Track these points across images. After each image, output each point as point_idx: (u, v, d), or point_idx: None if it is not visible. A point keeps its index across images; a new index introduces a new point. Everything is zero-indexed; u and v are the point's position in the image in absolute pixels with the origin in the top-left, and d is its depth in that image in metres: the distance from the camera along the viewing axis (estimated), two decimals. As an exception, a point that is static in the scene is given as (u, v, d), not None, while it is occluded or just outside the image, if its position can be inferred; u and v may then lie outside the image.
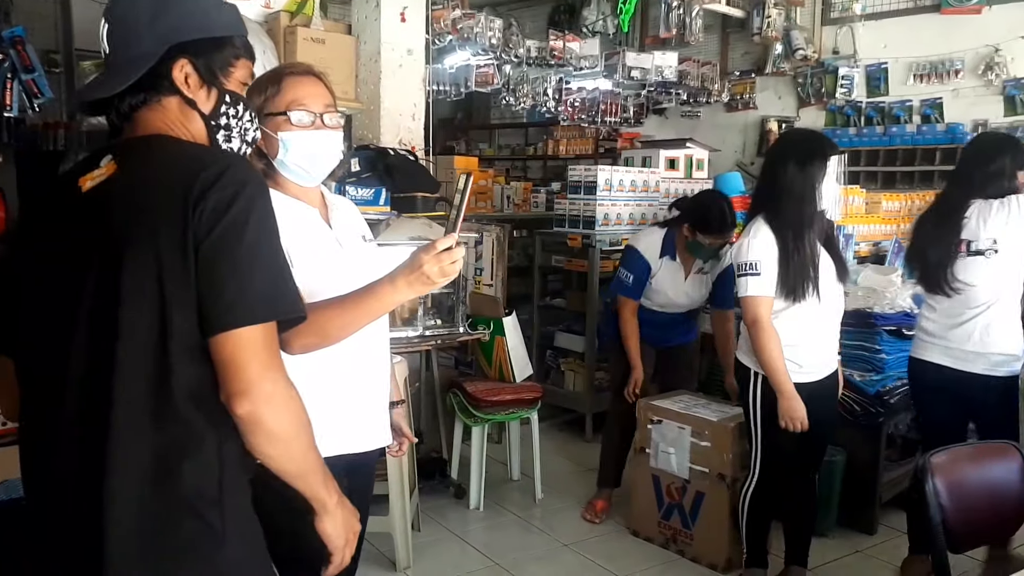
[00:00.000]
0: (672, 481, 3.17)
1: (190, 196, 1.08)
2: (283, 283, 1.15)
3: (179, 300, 1.08)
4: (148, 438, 1.09)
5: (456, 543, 3.29)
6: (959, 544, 1.97)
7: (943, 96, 5.45)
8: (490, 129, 8.88)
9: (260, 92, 1.62)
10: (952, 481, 1.93)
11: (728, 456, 3.00)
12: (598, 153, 7.38)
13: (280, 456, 1.14)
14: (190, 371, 1.10)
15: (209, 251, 1.08)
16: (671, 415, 3.17)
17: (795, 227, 2.51)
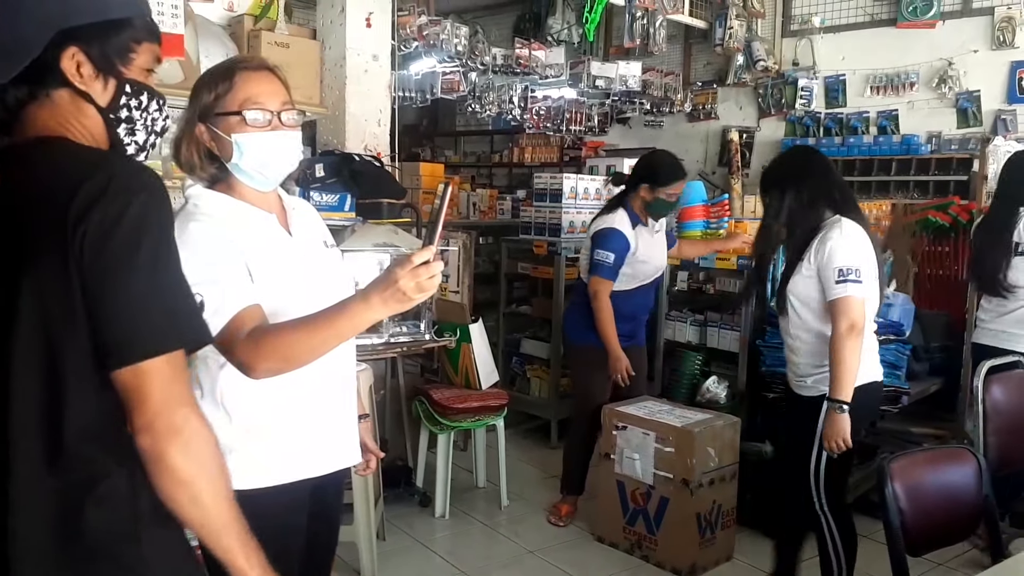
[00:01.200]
0: (637, 487, 3.19)
1: (69, 215, 0.95)
2: (184, 306, 1.05)
3: (65, 334, 0.97)
4: (46, 480, 0.99)
5: (422, 551, 3.27)
6: (917, 547, 2.01)
7: (899, 108, 5.59)
8: (455, 136, 8.88)
9: (210, 89, 1.49)
10: (910, 485, 1.97)
11: (692, 461, 3.02)
12: (563, 161, 7.43)
13: (186, 502, 1.02)
14: (88, 406, 1.00)
15: (97, 278, 0.96)
16: (636, 421, 3.19)
17: (866, 226, 2.59)
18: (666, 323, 4.09)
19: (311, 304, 1.49)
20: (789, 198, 2.56)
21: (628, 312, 3.45)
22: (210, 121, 1.49)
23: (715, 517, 3.15)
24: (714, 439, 3.11)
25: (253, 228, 1.51)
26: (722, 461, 3.15)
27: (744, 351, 3.72)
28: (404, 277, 1.32)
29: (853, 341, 2.40)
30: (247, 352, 1.38)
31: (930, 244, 4.61)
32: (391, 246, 3.51)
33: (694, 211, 3.99)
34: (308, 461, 1.58)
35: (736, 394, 3.69)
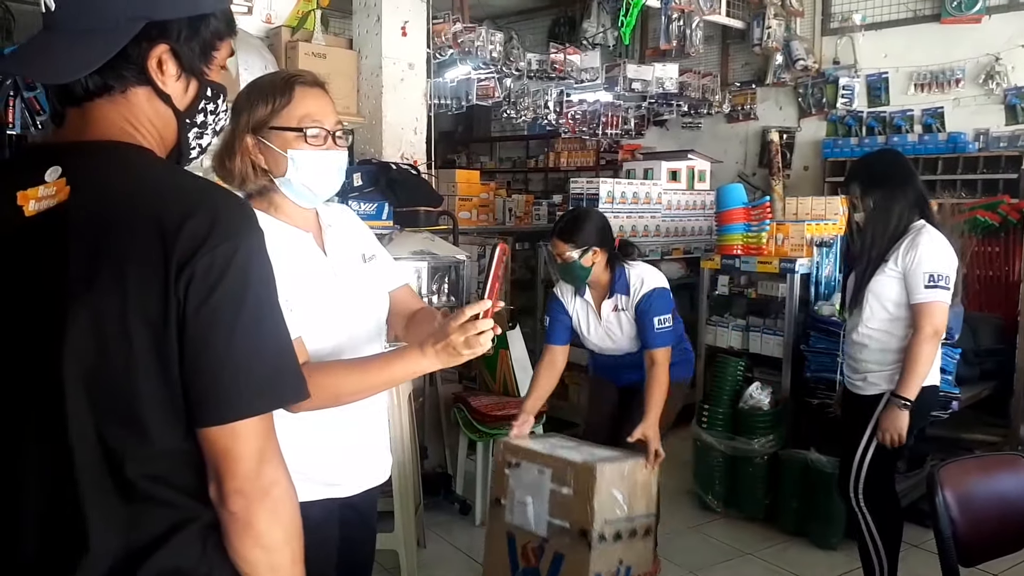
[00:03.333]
0: (528, 539, 2.53)
1: (174, 256, 0.86)
2: (286, 364, 0.97)
3: (150, 373, 0.88)
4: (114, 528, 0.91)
5: (462, 559, 3.27)
6: (970, 558, 1.95)
7: (944, 105, 5.45)
8: (491, 142, 8.90)
9: (266, 101, 1.45)
10: (961, 493, 1.92)
11: (591, 507, 2.37)
12: (599, 165, 7.40)
13: (263, 567, 0.95)
14: (163, 456, 0.92)
15: (199, 329, 0.88)
16: (531, 456, 2.56)
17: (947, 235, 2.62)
18: (707, 328, 4.04)
19: (343, 325, 1.50)
20: (886, 197, 2.62)
21: (606, 363, 3.13)
22: (262, 134, 1.46)
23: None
24: (622, 480, 2.45)
25: (289, 250, 1.48)
26: (633, 510, 2.47)
27: (788, 356, 3.66)
28: (455, 332, 1.35)
29: (932, 345, 2.51)
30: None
31: (979, 244, 4.48)
32: (428, 253, 3.53)
33: (734, 214, 3.94)
34: (338, 481, 1.57)
35: (780, 400, 3.63)
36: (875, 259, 2.62)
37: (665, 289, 2.88)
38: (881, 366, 2.63)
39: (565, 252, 2.80)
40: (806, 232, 3.77)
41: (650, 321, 2.80)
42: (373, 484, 1.66)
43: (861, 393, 2.67)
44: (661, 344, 2.80)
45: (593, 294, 2.96)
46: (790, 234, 3.81)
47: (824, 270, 3.73)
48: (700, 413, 3.70)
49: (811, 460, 3.35)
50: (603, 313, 2.95)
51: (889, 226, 2.62)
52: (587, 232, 2.80)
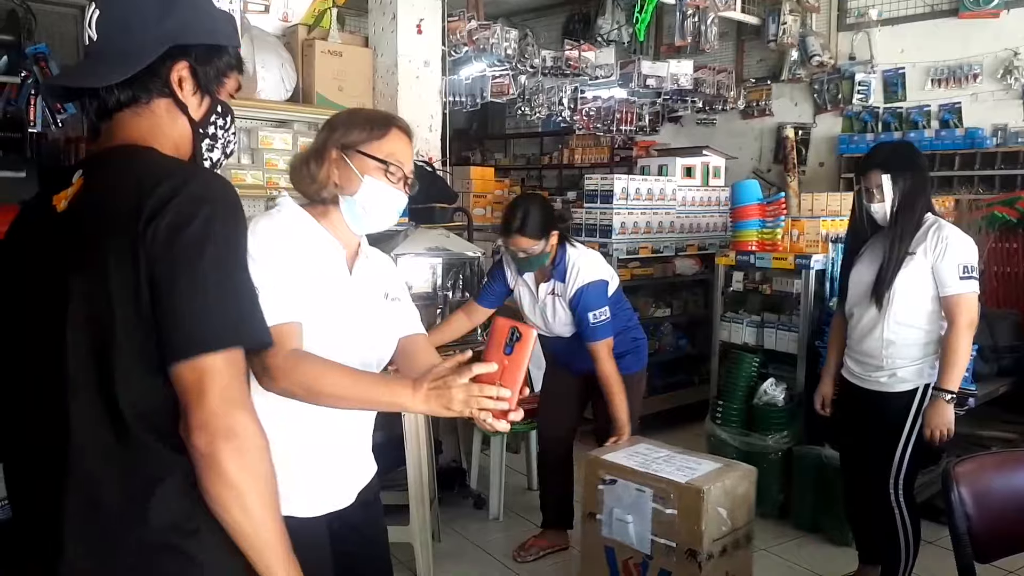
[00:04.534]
0: (630, 555, 2.53)
1: (143, 212, 0.99)
2: (248, 307, 1.06)
3: (128, 323, 1.00)
4: (109, 464, 1.02)
5: (476, 553, 3.29)
6: (986, 554, 1.95)
7: (961, 100, 5.42)
8: (505, 139, 8.92)
9: (364, 129, 1.56)
10: (977, 489, 1.91)
11: (699, 528, 2.36)
12: (614, 162, 7.40)
13: (233, 506, 1.01)
14: (146, 398, 1.01)
15: (165, 272, 0.99)
16: (627, 473, 2.52)
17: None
18: (721, 324, 4.03)
19: (342, 344, 1.51)
20: (915, 187, 2.59)
21: (553, 345, 3.12)
22: (348, 154, 1.55)
23: None
24: (726, 496, 2.43)
25: (320, 254, 1.55)
26: (735, 523, 2.47)
27: (803, 352, 3.65)
28: (457, 386, 1.32)
29: (969, 336, 2.51)
30: (284, 364, 1.36)
31: (996, 241, 4.45)
32: (443, 250, 3.55)
33: (749, 210, 3.93)
34: (325, 496, 1.56)
35: (794, 396, 3.62)
36: (902, 253, 2.57)
37: (599, 282, 2.86)
38: (912, 361, 2.60)
39: (532, 247, 2.79)
40: (821, 228, 3.76)
41: (584, 316, 2.81)
42: (361, 486, 1.64)
43: (888, 391, 2.63)
44: (599, 337, 2.82)
45: (535, 275, 2.96)
46: (805, 230, 3.80)
47: (839, 266, 3.71)
48: (714, 409, 3.70)
49: (826, 456, 3.34)
50: (540, 294, 2.96)
51: (915, 217, 2.59)
52: (545, 220, 2.81)
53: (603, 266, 2.97)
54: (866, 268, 2.69)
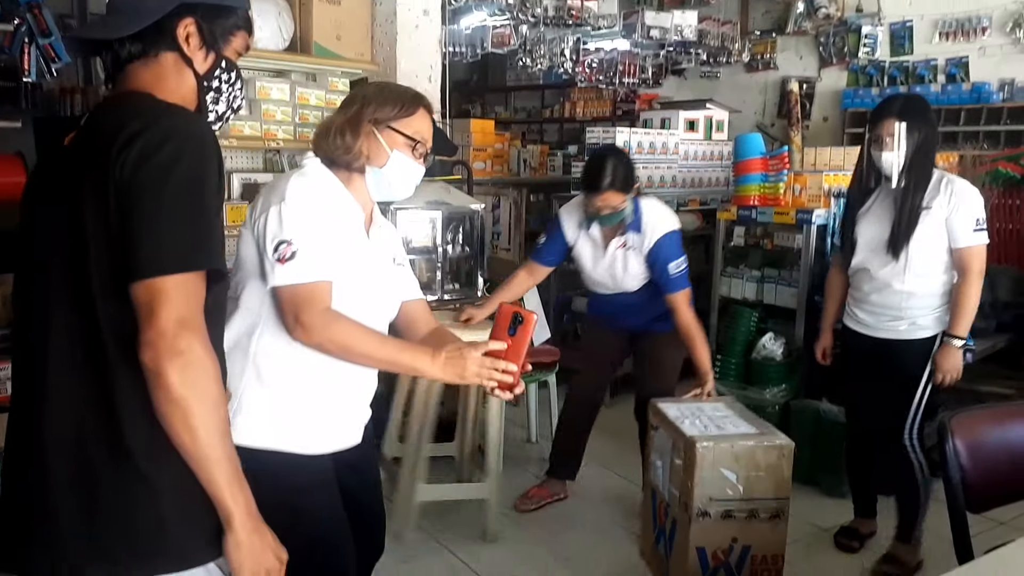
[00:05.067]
0: (662, 499, 2.65)
1: (116, 142, 1.07)
2: (206, 235, 1.11)
3: (100, 246, 1.08)
4: (83, 377, 1.10)
5: (474, 502, 3.33)
6: (978, 504, 1.97)
7: (969, 54, 5.34)
8: (506, 91, 8.81)
9: (394, 105, 1.68)
10: (972, 442, 1.93)
11: (691, 482, 2.39)
12: (616, 115, 7.32)
13: (177, 422, 1.05)
14: (120, 319, 1.08)
15: (129, 195, 1.06)
16: (665, 422, 2.60)
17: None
18: (721, 279, 4.03)
19: (361, 300, 1.63)
20: (931, 139, 2.60)
21: (608, 305, 3.10)
22: (380, 128, 1.66)
23: (736, 561, 2.45)
24: (735, 461, 2.38)
25: (345, 215, 1.66)
26: (750, 492, 2.41)
27: (802, 307, 3.66)
28: (471, 358, 1.55)
29: (979, 285, 2.61)
30: (319, 321, 1.50)
31: (999, 197, 4.42)
32: (443, 203, 3.52)
33: (752, 164, 3.90)
34: (336, 435, 1.69)
35: (793, 351, 3.64)
36: (916, 207, 2.60)
37: (675, 232, 2.85)
38: (930, 310, 2.67)
39: (622, 202, 2.77)
40: (824, 183, 3.74)
41: (665, 267, 2.79)
42: (355, 442, 1.75)
43: (908, 338, 2.69)
44: (679, 287, 2.81)
45: (602, 230, 2.90)
46: (807, 185, 3.78)
47: (840, 221, 3.69)
48: (713, 363, 3.71)
49: (822, 410, 3.37)
50: (609, 249, 2.90)
51: (927, 171, 2.61)
52: (629, 173, 2.78)
53: (673, 215, 2.94)
54: (877, 223, 2.70)
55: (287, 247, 1.51)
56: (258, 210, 1.60)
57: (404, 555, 2.82)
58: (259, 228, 1.56)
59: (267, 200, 1.59)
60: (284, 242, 1.51)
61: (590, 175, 2.78)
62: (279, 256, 1.51)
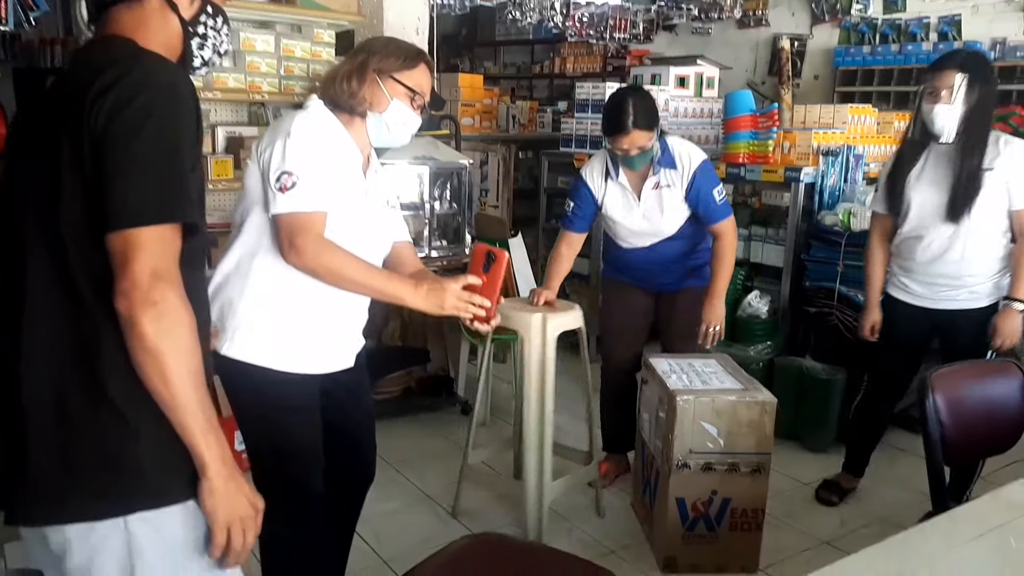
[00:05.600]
0: (650, 452, 2.69)
1: (91, 92, 1.07)
2: (175, 188, 1.10)
3: (74, 191, 1.08)
4: (61, 323, 1.11)
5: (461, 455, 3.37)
6: (956, 459, 2.02)
7: (962, 12, 5.29)
8: (495, 46, 8.68)
9: (398, 57, 1.80)
10: (952, 397, 1.96)
11: (672, 435, 2.43)
12: (606, 71, 7.23)
13: (151, 371, 1.07)
14: (92, 264, 1.09)
15: (103, 146, 1.06)
16: (654, 376, 2.63)
17: None
18: (708, 237, 4.03)
19: (358, 238, 1.75)
20: (982, 96, 2.48)
21: (641, 264, 2.93)
22: (383, 77, 1.78)
23: (717, 513, 2.49)
24: (717, 416, 2.42)
25: (344, 153, 1.77)
26: (732, 446, 2.44)
27: (789, 266, 3.67)
28: (450, 290, 1.73)
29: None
30: (312, 246, 1.63)
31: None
32: (430, 158, 3.49)
33: (741, 121, 3.88)
34: (329, 357, 1.82)
35: (778, 309, 3.67)
36: (977, 169, 2.48)
37: (708, 160, 2.77)
38: (988, 277, 2.58)
39: (649, 141, 2.63)
40: (813, 141, 3.73)
41: (709, 195, 2.70)
42: (347, 366, 1.88)
43: (967, 307, 2.60)
44: (725, 215, 2.73)
45: (628, 176, 2.77)
46: (797, 143, 3.76)
47: (829, 179, 3.70)
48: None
49: (806, 367, 3.41)
50: (643, 193, 2.76)
51: (987, 129, 2.50)
52: (654, 110, 2.67)
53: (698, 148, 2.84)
54: (932, 186, 2.57)
55: (288, 177, 1.62)
56: (264, 143, 1.71)
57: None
58: (264, 160, 1.67)
59: (273, 135, 1.70)
60: (286, 173, 1.63)
61: (613, 117, 2.65)
62: (280, 186, 1.63)
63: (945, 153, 2.54)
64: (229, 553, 1.16)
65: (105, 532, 1.11)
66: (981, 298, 2.59)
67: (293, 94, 3.49)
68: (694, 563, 2.52)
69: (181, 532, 1.15)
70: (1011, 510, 1.56)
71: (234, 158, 3.30)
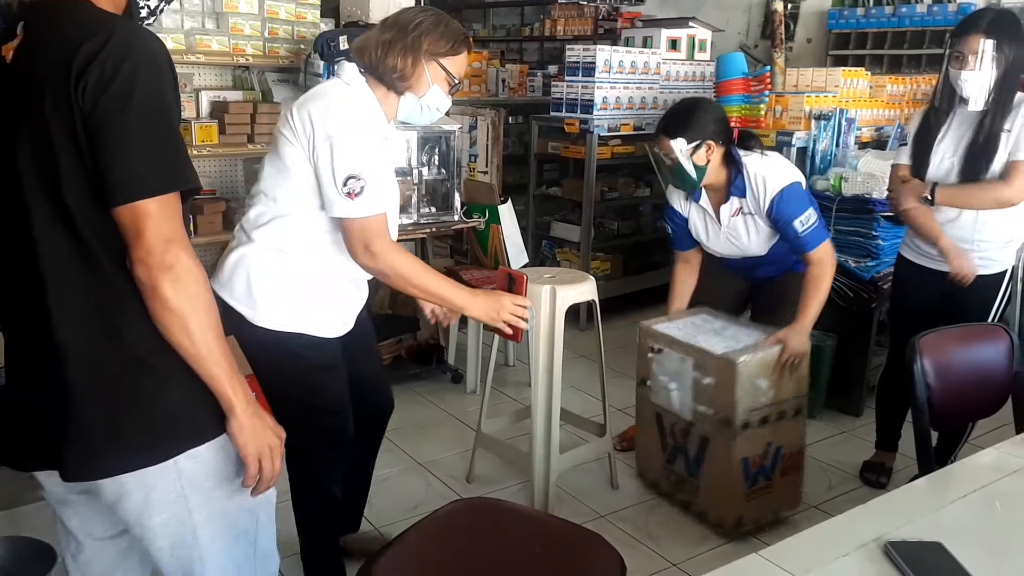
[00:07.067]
0: (675, 421, 2.65)
1: (73, 68, 1.08)
2: (172, 155, 1.15)
3: (72, 165, 1.11)
4: (82, 289, 1.16)
5: (453, 422, 3.39)
6: (942, 422, 2.03)
7: (957, -27, 5.23)
8: (484, 8, 8.56)
9: (448, 41, 1.84)
10: (939, 361, 1.97)
11: (734, 398, 2.41)
12: (597, 34, 7.13)
13: (176, 329, 1.15)
14: (106, 229, 1.13)
15: (95, 126, 1.09)
16: (672, 343, 2.60)
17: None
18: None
19: (390, 211, 1.83)
20: (1012, 59, 2.38)
21: (738, 267, 2.82)
22: (428, 60, 1.82)
23: (771, 461, 2.54)
24: (766, 369, 2.45)
25: (379, 123, 1.84)
26: (779, 395, 2.49)
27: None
28: (506, 304, 1.88)
29: None
30: (385, 250, 1.74)
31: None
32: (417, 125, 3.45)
33: (733, 84, 3.85)
34: (341, 321, 1.96)
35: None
36: (996, 132, 2.41)
37: (794, 184, 2.51)
38: (1003, 243, 2.54)
39: (672, 150, 2.46)
40: (805, 105, 3.70)
41: (790, 227, 2.48)
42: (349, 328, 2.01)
43: (980, 273, 2.51)
44: (814, 244, 2.48)
45: (710, 197, 2.63)
46: (789, 107, 3.73)
47: (821, 144, 3.67)
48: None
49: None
50: (723, 219, 2.62)
51: (1013, 94, 2.41)
52: (699, 123, 2.46)
53: (788, 167, 2.60)
54: (952, 147, 2.51)
55: (355, 182, 1.69)
56: (312, 125, 1.71)
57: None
58: (321, 150, 1.70)
59: (326, 121, 1.71)
60: (352, 177, 1.69)
61: (665, 118, 2.55)
62: (348, 191, 1.69)
63: (968, 116, 2.48)
64: (261, 480, 1.28)
65: (158, 472, 1.22)
66: (992, 263, 2.54)
67: (278, 57, 3.42)
68: (756, 517, 2.57)
69: (219, 460, 1.27)
70: (995, 472, 1.57)
71: (219, 123, 3.25)
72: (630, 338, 4.31)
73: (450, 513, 1.37)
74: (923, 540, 1.27)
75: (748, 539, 2.55)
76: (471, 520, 1.40)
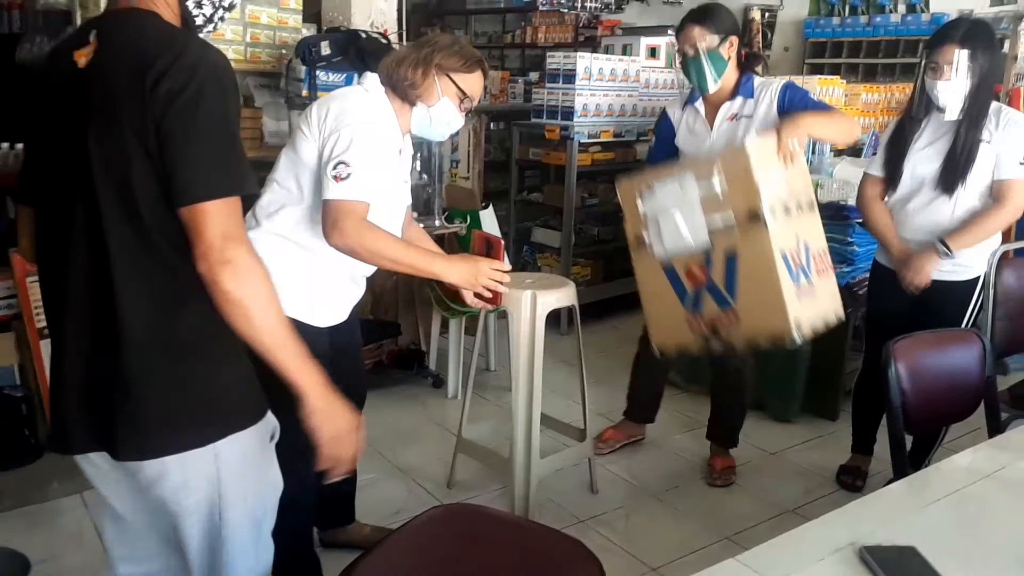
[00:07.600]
0: (690, 259, 2.35)
1: (147, 81, 1.18)
2: (233, 162, 1.24)
3: (142, 167, 1.20)
4: (144, 276, 1.24)
5: (434, 428, 3.39)
6: (916, 426, 2.06)
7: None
8: (466, 15, 8.58)
9: (460, 59, 1.95)
10: (913, 366, 2.00)
11: (754, 184, 2.16)
12: (578, 41, 7.18)
13: (240, 320, 1.22)
14: (171, 226, 1.21)
15: (166, 131, 1.18)
16: (659, 175, 2.37)
17: None
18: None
19: (392, 212, 1.96)
20: (985, 68, 2.42)
21: None
22: (439, 73, 1.94)
23: (804, 260, 2.30)
24: (772, 156, 2.27)
25: (390, 139, 1.94)
26: (791, 185, 2.30)
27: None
28: (483, 269, 1.91)
29: (1009, 219, 2.50)
30: (354, 228, 1.75)
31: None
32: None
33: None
34: (332, 312, 2.03)
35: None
36: (973, 141, 2.44)
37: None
38: (977, 249, 2.54)
39: (701, 40, 2.51)
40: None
41: (808, 99, 2.53)
42: (347, 317, 2.10)
43: (948, 279, 2.55)
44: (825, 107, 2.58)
45: (707, 104, 2.67)
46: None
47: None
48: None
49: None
50: (716, 122, 2.65)
51: (988, 102, 2.45)
52: (725, 19, 2.56)
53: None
54: (926, 156, 2.54)
55: (344, 168, 1.75)
56: (327, 121, 1.83)
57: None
58: (326, 138, 1.81)
59: (339, 118, 1.82)
60: (343, 163, 1.76)
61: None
62: (335, 174, 1.76)
63: (944, 125, 2.51)
64: (338, 464, 1.34)
65: (199, 455, 1.29)
66: (965, 270, 2.56)
67: (259, 61, 3.41)
68: (812, 322, 2.28)
69: (253, 446, 1.35)
70: (968, 475, 1.60)
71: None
72: (610, 343, 4.34)
73: (429, 520, 1.37)
74: (897, 544, 1.29)
75: (727, 544, 2.57)
76: (450, 527, 1.40)
